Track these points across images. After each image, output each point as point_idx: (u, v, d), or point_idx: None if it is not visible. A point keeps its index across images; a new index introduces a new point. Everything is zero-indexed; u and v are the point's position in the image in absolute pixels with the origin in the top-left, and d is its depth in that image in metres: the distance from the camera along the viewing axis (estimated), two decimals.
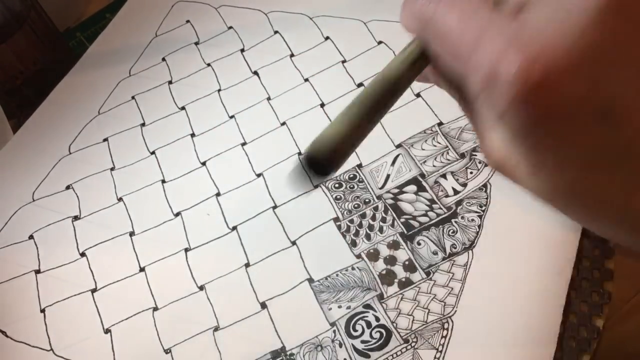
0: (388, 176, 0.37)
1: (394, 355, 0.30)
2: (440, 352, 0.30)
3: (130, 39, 0.50)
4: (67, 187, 0.41)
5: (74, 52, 0.51)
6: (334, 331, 0.32)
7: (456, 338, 0.30)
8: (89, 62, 0.49)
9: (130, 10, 0.52)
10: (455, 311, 0.31)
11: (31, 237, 0.38)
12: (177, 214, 0.38)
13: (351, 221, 0.35)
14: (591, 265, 0.31)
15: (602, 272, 0.31)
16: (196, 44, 0.48)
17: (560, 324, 0.29)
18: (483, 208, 0.34)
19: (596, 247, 0.32)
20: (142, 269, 0.36)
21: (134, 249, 0.37)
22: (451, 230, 0.34)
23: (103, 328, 0.34)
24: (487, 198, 0.35)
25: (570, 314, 0.30)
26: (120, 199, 0.39)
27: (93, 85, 0.47)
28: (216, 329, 0.33)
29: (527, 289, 0.31)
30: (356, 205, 0.36)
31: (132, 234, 0.38)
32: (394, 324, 0.31)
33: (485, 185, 0.35)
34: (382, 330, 0.31)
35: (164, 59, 0.48)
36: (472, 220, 0.34)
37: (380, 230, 0.35)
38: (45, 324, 0.34)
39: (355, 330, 0.32)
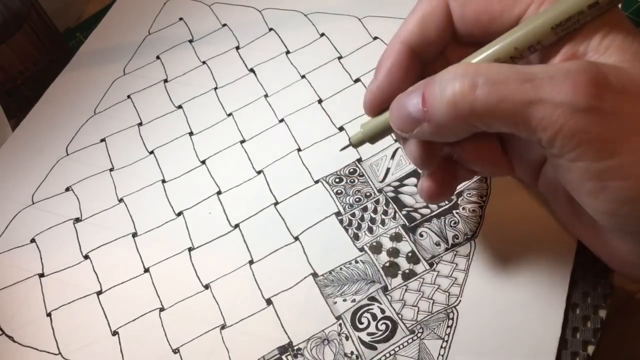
0: (388, 169, 0.37)
1: (401, 347, 0.31)
2: (447, 341, 0.30)
3: (123, 37, 0.50)
4: (67, 189, 0.41)
5: (74, 52, 0.51)
6: (340, 324, 0.32)
7: (462, 327, 0.31)
8: (82, 61, 0.49)
9: (121, 8, 0.52)
10: (460, 301, 0.32)
11: (33, 240, 0.38)
12: (179, 214, 0.38)
13: (353, 215, 0.36)
14: (593, 256, 0.32)
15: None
16: (190, 41, 0.48)
17: (564, 313, 0.30)
18: (484, 199, 0.35)
19: None
20: (146, 270, 0.36)
21: (137, 250, 0.37)
22: (453, 222, 0.34)
23: (110, 330, 0.34)
24: (487, 189, 0.35)
25: (574, 305, 0.30)
26: (121, 200, 0.39)
27: (87, 84, 0.47)
28: (223, 327, 0.33)
29: (530, 278, 0.31)
30: (357, 199, 0.36)
31: (134, 234, 0.38)
32: (400, 316, 0.32)
33: (485, 176, 0.35)
34: (388, 322, 0.32)
35: (158, 57, 0.48)
36: (473, 211, 0.34)
37: (382, 223, 0.35)
38: (52, 328, 0.34)
39: (361, 323, 0.32)
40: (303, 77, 0.43)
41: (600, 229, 0.25)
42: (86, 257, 0.37)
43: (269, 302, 0.33)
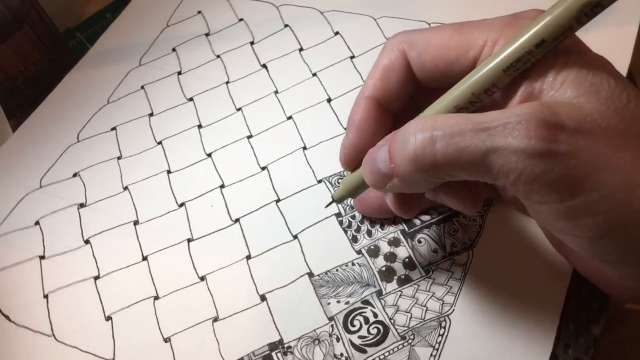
0: None
1: (391, 352, 0.30)
2: (437, 350, 0.30)
3: (142, 29, 0.50)
4: (74, 175, 0.41)
5: (74, 52, 0.52)
6: (332, 325, 0.32)
7: (453, 337, 0.30)
8: (101, 50, 0.49)
9: None
10: (453, 310, 0.31)
11: (37, 223, 0.39)
12: (181, 205, 0.38)
13: (353, 217, 0.36)
14: None
15: None
16: (206, 35, 0.48)
17: (558, 328, 0.29)
18: (485, 208, 0.34)
19: None
20: (144, 258, 0.36)
21: (137, 237, 0.37)
22: (452, 229, 0.34)
23: (104, 315, 0.34)
24: (489, 198, 0.34)
25: (569, 320, 0.30)
26: (125, 188, 0.40)
27: (104, 73, 0.47)
28: (215, 319, 0.33)
29: (526, 292, 0.31)
30: None
31: (136, 222, 0.38)
32: (392, 321, 0.31)
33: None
34: (380, 327, 0.31)
35: (174, 49, 0.48)
36: (474, 219, 0.34)
37: (382, 226, 0.35)
38: (48, 310, 0.35)
39: (353, 326, 0.32)
40: (314, 75, 0.43)
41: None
42: (87, 242, 0.37)
43: (263, 298, 0.33)
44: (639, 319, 0.35)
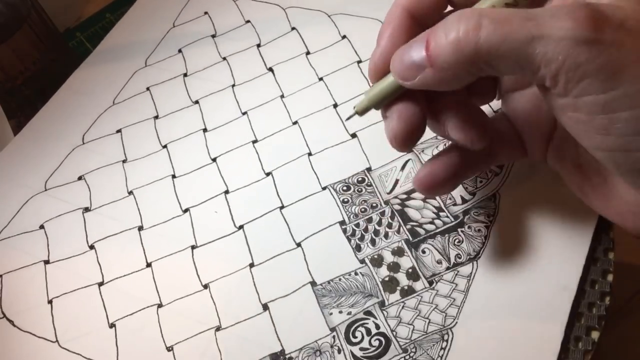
0: (397, 181, 0.37)
1: None
2: None
3: (148, 29, 0.50)
4: (79, 178, 0.41)
5: (74, 52, 0.52)
6: (334, 336, 0.32)
7: (455, 350, 0.30)
8: (106, 49, 0.49)
9: None
10: (456, 323, 0.31)
11: (42, 226, 0.39)
12: (186, 210, 0.38)
13: (357, 225, 0.35)
14: (591, 283, 0.31)
15: (601, 284, 0.31)
16: (213, 36, 0.48)
17: (562, 344, 0.29)
18: (490, 218, 0.34)
19: (596, 259, 0.31)
20: (148, 265, 0.36)
21: (141, 244, 0.37)
22: (457, 240, 0.34)
23: (108, 322, 0.34)
24: (495, 209, 0.34)
25: (567, 339, 0.30)
26: (130, 192, 0.40)
27: (109, 73, 0.47)
28: (218, 328, 0.33)
29: (530, 304, 0.30)
30: (363, 210, 0.36)
31: (140, 228, 0.38)
32: (394, 333, 0.31)
33: (494, 196, 0.35)
34: (382, 339, 0.31)
35: (180, 51, 0.48)
36: (479, 230, 0.34)
37: (386, 236, 0.35)
38: (52, 315, 0.35)
39: (355, 337, 0.32)
40: (321, 79, 0.43)
41: (611, 186, 0.26)
42: (92, 247, 0.38)
43: (265, 307, 0.33)
44: (634, 322, 0.35)
